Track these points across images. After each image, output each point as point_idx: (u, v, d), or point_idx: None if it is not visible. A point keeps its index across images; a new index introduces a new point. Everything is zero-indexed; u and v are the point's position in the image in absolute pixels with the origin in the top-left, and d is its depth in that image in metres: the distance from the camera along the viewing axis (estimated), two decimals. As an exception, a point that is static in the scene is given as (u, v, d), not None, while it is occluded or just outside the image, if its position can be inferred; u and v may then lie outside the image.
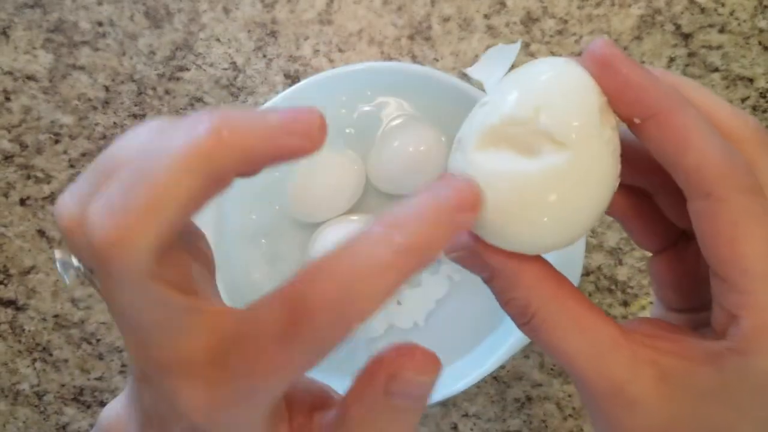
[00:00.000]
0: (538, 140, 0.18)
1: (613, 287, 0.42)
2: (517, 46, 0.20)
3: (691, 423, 0.18)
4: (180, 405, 0.17)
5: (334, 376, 0.40)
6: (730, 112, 0.20)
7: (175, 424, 0.17)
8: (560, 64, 0.19)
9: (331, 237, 0.39)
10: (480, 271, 0.20)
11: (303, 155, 0.17)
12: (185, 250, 0.18)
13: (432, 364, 0.18)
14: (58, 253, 0.18)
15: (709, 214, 0.18)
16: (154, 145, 0.16)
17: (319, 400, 0.22)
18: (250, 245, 0.41)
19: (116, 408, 0.21)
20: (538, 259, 0.20)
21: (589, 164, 0.18)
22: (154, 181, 0.15)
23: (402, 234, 0.16)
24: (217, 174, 0.15)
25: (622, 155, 0.19)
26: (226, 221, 0.40)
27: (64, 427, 0.44)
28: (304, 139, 0.16)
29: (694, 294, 0.22)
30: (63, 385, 0.44)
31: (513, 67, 0.21)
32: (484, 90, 0.21)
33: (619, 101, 0.18)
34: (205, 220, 0.39)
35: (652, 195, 0.23)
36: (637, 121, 0.18)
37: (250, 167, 0.16)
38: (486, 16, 0.43)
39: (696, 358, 0.18)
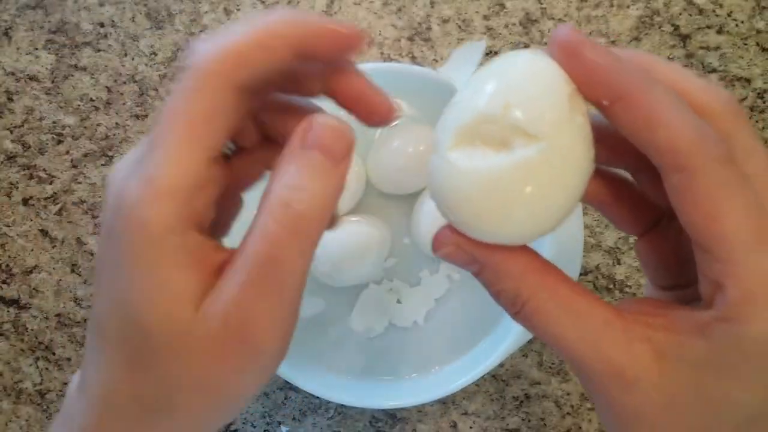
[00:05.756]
0: (511, 135, 0.18)
1: (611, 286, 0.43)
2: (483, 44, 0.20)
3: (690, 396, 0.18)
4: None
5: (334, 375, 0.41)
6: (702, 86, 0.19)
7: None
8: (527, 56, 0.19)
9: (331, 237, 0.39)
10: (468, 265, 0.20)
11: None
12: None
13: (346, 124, 0.20)
14: None
15: (685, 187, 0.18)
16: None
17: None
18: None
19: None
20: (523, 249, 0.20)
21: (562, 153, 0.18)
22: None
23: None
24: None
25: (597, 139, 0.19)
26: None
27: (66, 425, 0.44)
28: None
29: (681, 271, 0.22)
30: (65, 384, 0.44)
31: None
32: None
33: (587, 86, 0.19)
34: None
35: (632, 177, 0.23)
36: (605, 103, 0.18)
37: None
38: (485, 18, 0.43)
39: (686, 330, 0.18)
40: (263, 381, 0.21)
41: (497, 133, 0.18)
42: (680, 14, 0.43)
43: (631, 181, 0.23)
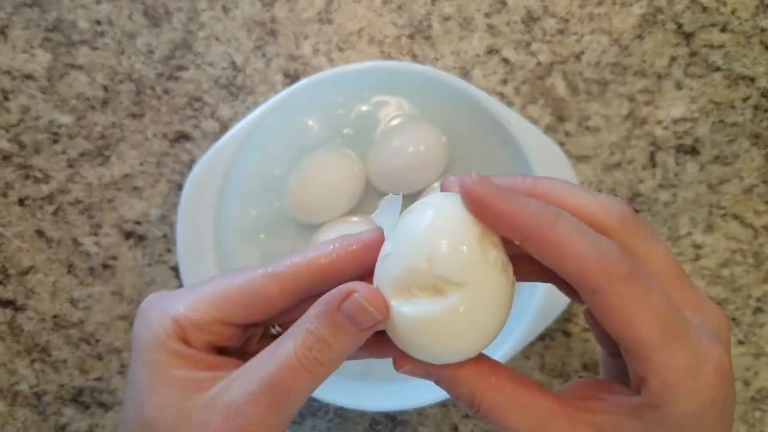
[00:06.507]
0: (439, 282, 0.21)
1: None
2: (399, 197, 0.24)
3: None
4: None
5: (333, 377, 0.40)
6: (598, 204, 0.23)
7: None
8: (439, 204, 0.22)
9: (332, 238, 0.39)
10: (427, 378, 0.24)
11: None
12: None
13: (381, 302, 0.22)
14: None
15: (599, 304, 0.21)
16: None
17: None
18: (248, 241, 0.41)
19: None
20: (470, 359, 0.23)
21: (483, 289, 0.21)
22: None
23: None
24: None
25: (522, 258, 0.22)
26: (225, 215, 0.40)
27: (63, 428, 0.44)
28: None
29: None
30: (62, 386, 0.44)
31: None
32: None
33: (498, 230, 0.22)
34: (204, 214, 0.39)
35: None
36: (517, 243, 0.21)
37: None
38: (486, 15, 0.43)
39: (622, 413, 0.22)
40: None
41: (427, 282, 0.21)
42: (684, 12, 0.43)
43: None
